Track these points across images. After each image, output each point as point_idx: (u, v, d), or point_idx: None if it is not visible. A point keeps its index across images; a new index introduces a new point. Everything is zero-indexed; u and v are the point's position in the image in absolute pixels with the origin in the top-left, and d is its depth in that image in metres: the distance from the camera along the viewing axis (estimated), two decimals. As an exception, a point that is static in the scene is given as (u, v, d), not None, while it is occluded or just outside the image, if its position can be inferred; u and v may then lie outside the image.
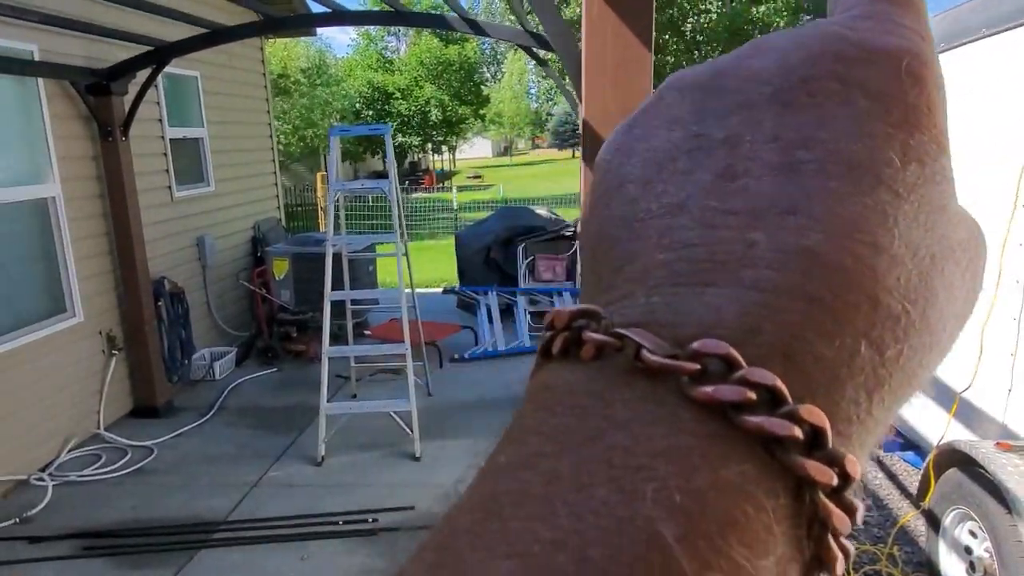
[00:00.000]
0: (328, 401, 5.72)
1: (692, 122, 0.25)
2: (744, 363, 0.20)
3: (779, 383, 0.20)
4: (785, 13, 14.40)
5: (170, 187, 6.47)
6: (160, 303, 6.06)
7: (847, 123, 0.23)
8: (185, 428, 5.51)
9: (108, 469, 4.84)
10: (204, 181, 7.13)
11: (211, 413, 5.82)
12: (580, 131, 1.82)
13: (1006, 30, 3.13)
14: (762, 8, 14.47)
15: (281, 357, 7.17)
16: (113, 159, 5.46)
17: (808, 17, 15.36)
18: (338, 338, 6.90)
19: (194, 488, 4.55)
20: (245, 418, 5.75)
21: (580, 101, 1.81)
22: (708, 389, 0.20)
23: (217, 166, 7.32)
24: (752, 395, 0.20)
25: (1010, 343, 3.14)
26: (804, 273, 0.21)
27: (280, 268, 7.48)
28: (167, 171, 6.43)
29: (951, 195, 0.24)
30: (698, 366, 0.20)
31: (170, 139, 6.48)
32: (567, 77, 2.44)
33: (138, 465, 4.91)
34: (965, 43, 3.47)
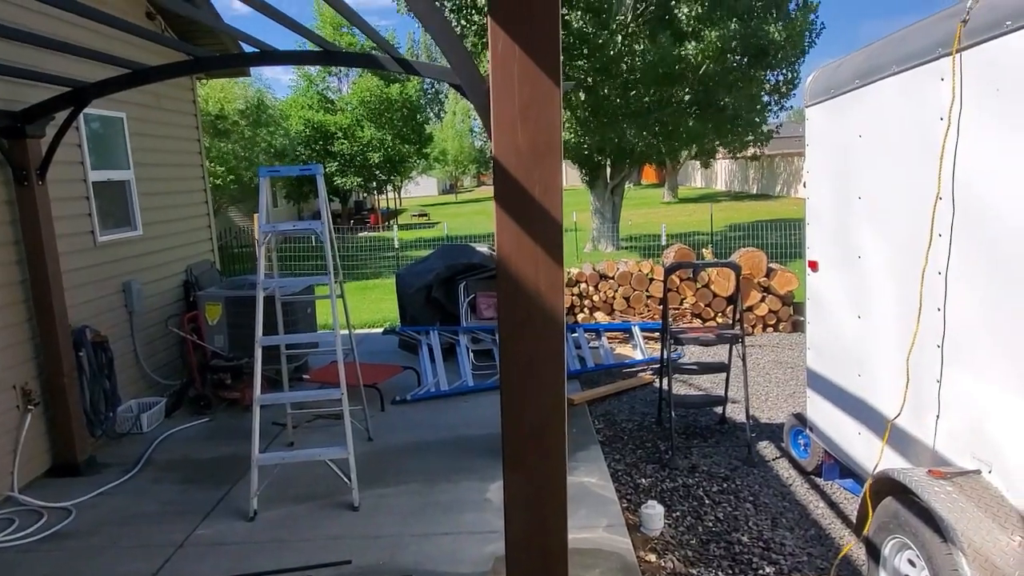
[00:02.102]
0: (264, 450, 5.51)
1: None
2: None
3: None
4: (710, 53, 14.83)
5: (93, 232, 6.20)
6: (81, 353, 5.75)
7: None
8: (108, 486, 5.20)
9: (20, 534, 4.50)
10: (131, 225, 6.87)
11: (137, 468, 5.51)
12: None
13: (914, 67, 3.25)
14: (690, 46, 14.89)
15: (214, 406, 6.89)
16: (29, 204, 5.21)
17: (734, 59, 15.90)
18: (275, 383, 6.68)
19: (114, 551, 4.26)
20: (173, 472, 5.45)
21: (490, 139, 1.78)
22: None
23: (145, 209, 7.07)
24: None
25: (935, 370, 3.19)
26: None
27: (213, 313, 7.23)
28: (89, 215, 6.17)
29: None
30: None
31: (93, 182, 6.23)
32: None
33: (54, 528, 4.58)
34: (878, 79, 3.59)
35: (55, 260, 5.37)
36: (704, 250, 11.80)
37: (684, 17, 14.88)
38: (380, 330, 9.82)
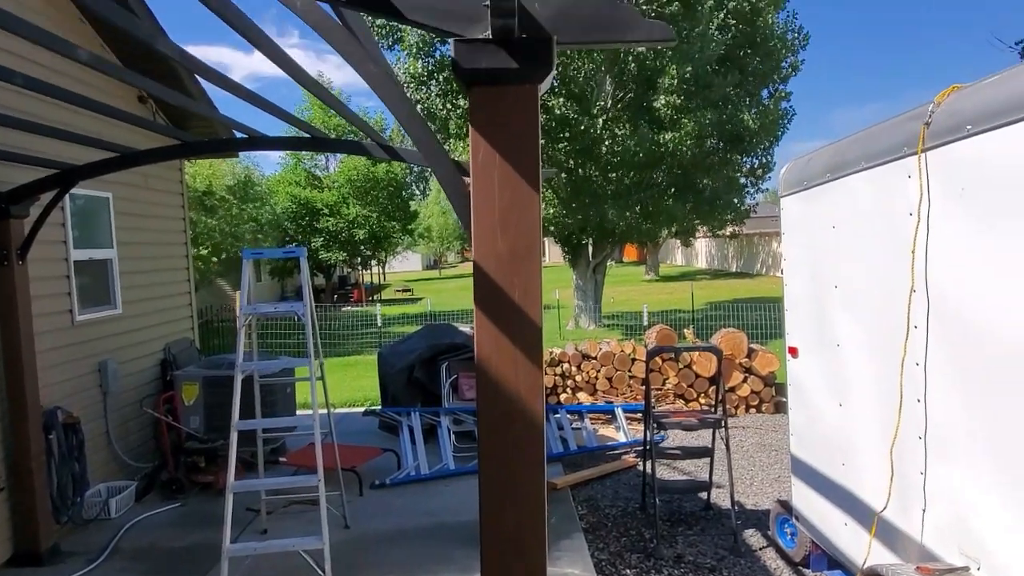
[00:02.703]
0: (236, 538, 5.30)
1: None
2: None
3: None
4: (689, 141, 15.33)
5: (71, 310, 6.14)
6: (51, 436, 5.59)
7: None
8: (70, 577, 4.98)
9: (-28, 632, 4.27)
10: (110, 303, 6.81)
11: (102, 558, 5.29)
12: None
13: (882, 163, 3.38)
14: (668, 136, 15.39)
15: (187, 490, 6.68)
16: (7, 284, 5.16)
17: (711, 144, 16.45)
18: (251, 466, 6.50)
19: (72, 651, 4.04)
20: (140, 562, 5.24)
21: (470, 242, 1.82)
22: None
23: (126, 287, 7.03)
24: None
25: (919, 462, 3.18)
26: None
27: (190, 393, 7.09)
28: (69, 294, 6.12)
29: None
30: None
31: (75, 261, 6.21)
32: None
33: (9, 625, 4.36)
34: (849, 174, 3.72)
35: (30, 341, 5.29)
36: (685, 330, 11.87)
37: (662, 107, 15.43)
38: (360, 410, 9.67)
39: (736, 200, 18.77)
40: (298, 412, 8.04)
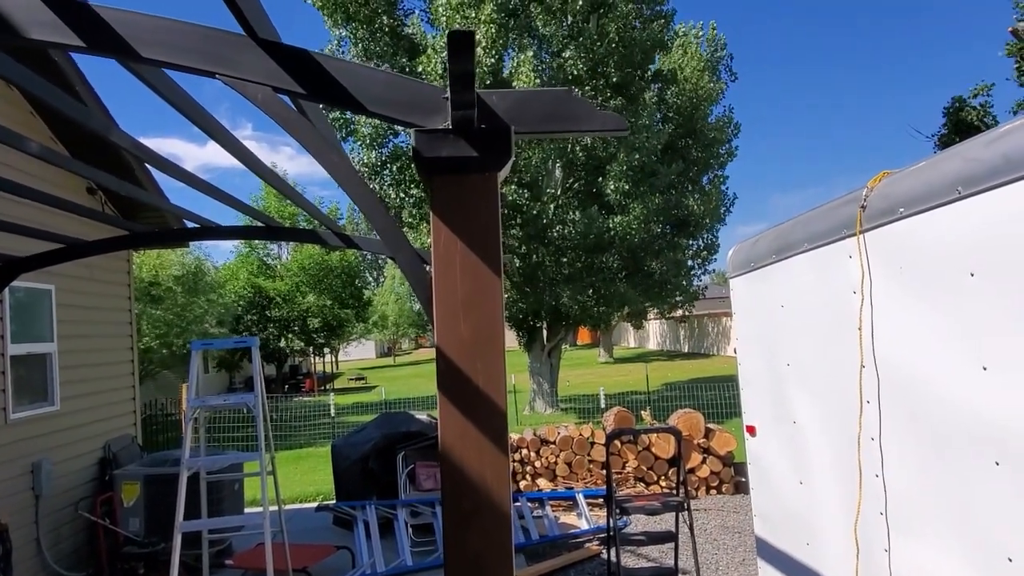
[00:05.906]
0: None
1: None
2: None
3: None
4: (635, 224, 15.83)
5: (5, 408, 5.84)
6: (-25, 546, 5.21)
7: None
8: None
9: None
10: (48, 400, 6.51)
11: None
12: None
13: (824, 245, 3.52)
14: (617, 220, 15.87)
15: (123, 600, 6.24)
16: (-63, 382, 4.91)
17: (658, 228, 17.01)
18: (194, 571, 6.12)
19: None
20: None
21: (432, 327, 1.82)
22: None
23: (65, 382, 6.74)
24: None
25: (883, 538, 3.18)
26: None
27: (130, 493, 6.72)
28: (3, 391, 5.84)
29: None
30: None
31: (11, 356, 5.96)
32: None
33: None
34: (793, 255, 3.86)
35: (-41, 442, 4.99)
36: (643, 412, 11.88)
37: (611, 192, 15.97)
38: (313, 505, 9.28)
39: (685, 282, 19.31)
40: (246, 510, 7.67)
